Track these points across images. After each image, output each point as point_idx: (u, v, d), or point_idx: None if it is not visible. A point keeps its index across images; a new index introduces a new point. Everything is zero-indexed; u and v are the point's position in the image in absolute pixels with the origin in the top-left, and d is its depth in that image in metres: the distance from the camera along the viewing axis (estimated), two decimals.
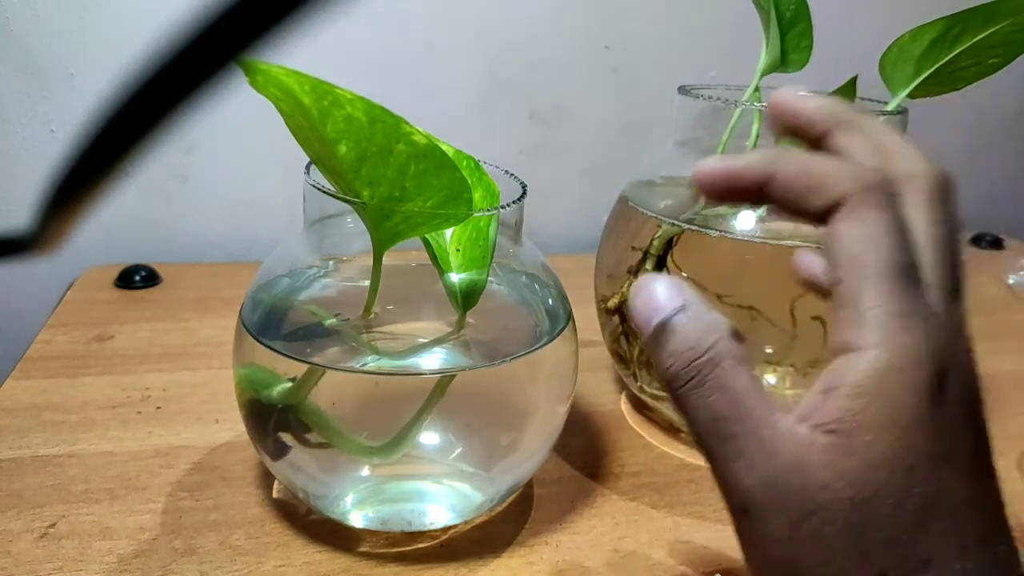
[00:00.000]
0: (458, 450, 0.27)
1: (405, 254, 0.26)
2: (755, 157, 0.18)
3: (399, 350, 0.26)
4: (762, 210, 0.32)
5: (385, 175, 0.22)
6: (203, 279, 0.51)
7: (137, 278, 0.50)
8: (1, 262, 0.10)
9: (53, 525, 0.28)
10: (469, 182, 0.23)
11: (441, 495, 0.27)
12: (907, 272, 0.16)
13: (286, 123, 0.22)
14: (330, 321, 0.26)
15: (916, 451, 0.15)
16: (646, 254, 0.33)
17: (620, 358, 0.36)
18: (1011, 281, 0.59)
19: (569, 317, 0.28)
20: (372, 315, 0.25)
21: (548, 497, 0.31)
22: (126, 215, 0.54)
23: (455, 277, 0.25)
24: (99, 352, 0.41)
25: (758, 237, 0.31)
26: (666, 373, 0.17)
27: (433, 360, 0.26)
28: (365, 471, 0.27)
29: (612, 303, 0.35)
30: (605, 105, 0.60)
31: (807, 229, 0.18)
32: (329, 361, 0.25)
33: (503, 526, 0.29)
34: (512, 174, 0.27)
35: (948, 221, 0.17)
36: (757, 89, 0.34)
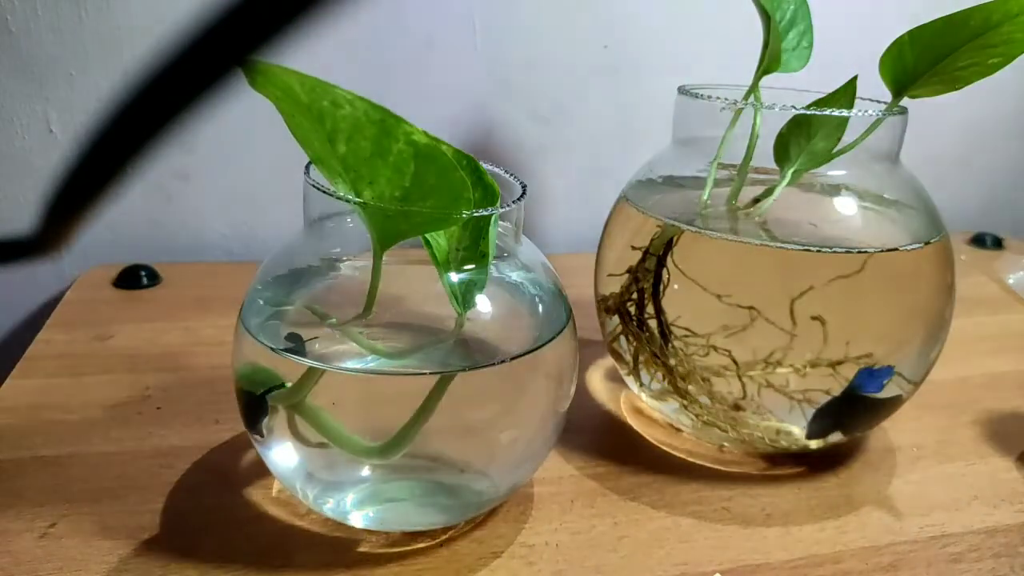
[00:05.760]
0: (458, 450, 0.27)
1: (405, 254, 0.26)
2: None
3: (399, 350, 0.26)
4: (768, 203, 0.32)
5: (385, 175, 0.22)
6: (203, 279, 0.51)
7: (137, 278, 0.50)
8: (3, 264, 0.10)
9: (53, 525, 0.28)
10: (469, 182, 0.23)
11: (441, 495, 0.27)
12: None
13: (286, 123, 0.22)
14: (330, 321, 0.26)
15: None
16: (646, 254, 0.33)
17: (620, 358, 0.36)
18: (1011, 281, 0.59)
19: (569, 317, 0.28)
20: (372, 315, 0.25)
21: (548, 497, 0.31)
22: (127, 215, 0.54)
23: (455, 277, 0.25)
24: (99, 352, 0.41)
25: (758, 238, 0.31)
26: None
27: (433, 360, 0.26)
28: (365, 471, 0.27)
29: (612, 303, 0.35)
30: (605, 105, 0.60)
31: (806, 230, 0.18)
32: (329, 361, 0.25)
33: (503, 526, 0.29)
34: (512, 174, 0.27)
35: None
36: (757, 89, 0.34)
